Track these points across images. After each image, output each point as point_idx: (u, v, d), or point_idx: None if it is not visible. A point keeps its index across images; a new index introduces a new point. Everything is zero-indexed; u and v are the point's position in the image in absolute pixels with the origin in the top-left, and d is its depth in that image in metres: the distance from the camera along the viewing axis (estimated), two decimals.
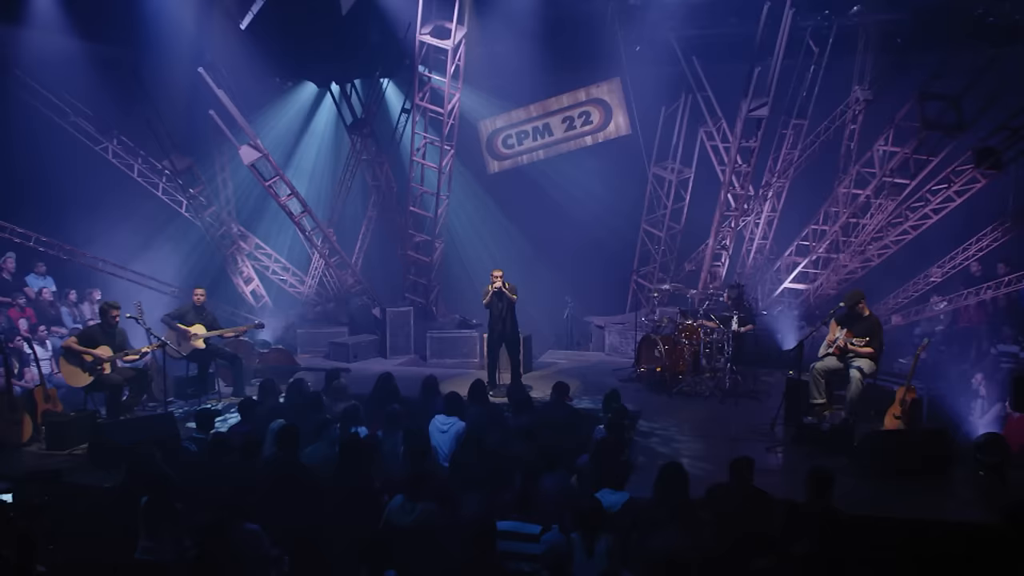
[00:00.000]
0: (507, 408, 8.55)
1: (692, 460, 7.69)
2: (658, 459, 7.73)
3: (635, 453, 7.81)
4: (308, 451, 6.79)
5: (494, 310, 10.26)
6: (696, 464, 7.57)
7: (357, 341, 12.91)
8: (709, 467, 7.46)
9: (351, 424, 7.52)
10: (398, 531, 5.55)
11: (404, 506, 5.59)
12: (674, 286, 11.95)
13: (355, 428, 7.46)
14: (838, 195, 11.48)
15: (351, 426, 7.47)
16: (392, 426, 7.45)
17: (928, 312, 11.53)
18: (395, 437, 7.33)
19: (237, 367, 10.17)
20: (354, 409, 7.77)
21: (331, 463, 6.61)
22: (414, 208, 13.33)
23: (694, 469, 7.36)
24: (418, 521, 5.50)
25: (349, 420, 7.57)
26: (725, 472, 7.03)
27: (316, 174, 15.34)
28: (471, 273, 14.67)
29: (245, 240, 13.90)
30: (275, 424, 7.26)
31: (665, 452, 8.07)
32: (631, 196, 13.95)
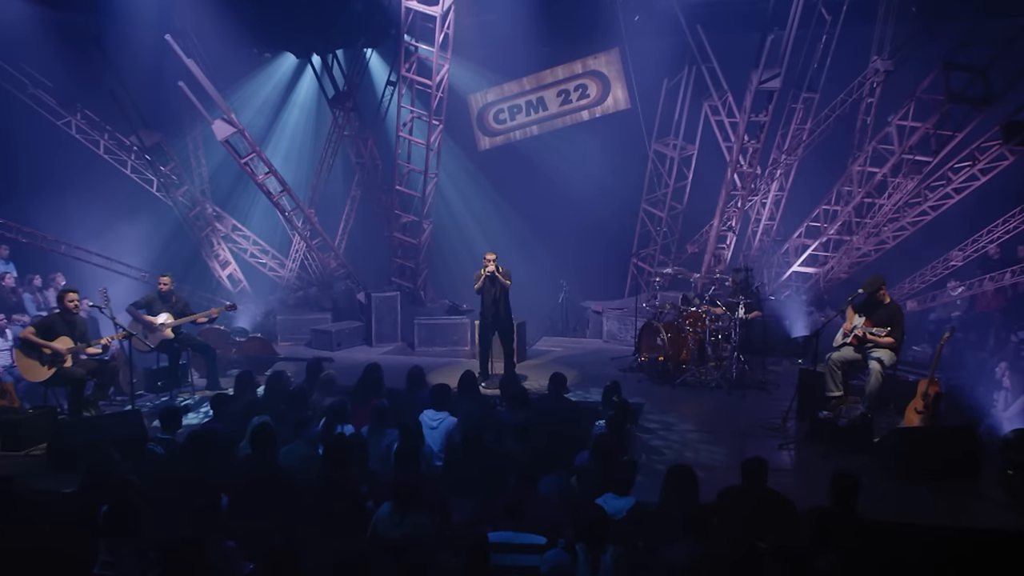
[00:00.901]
0: (500, 401, 8.26)
1: (699, 459, 7.48)
2: (662, 457, 7.55)
3: (637, 451, 7.50)
4: (284, 451, 6.49)
5: (486, 296, 9.99)
6: (704, 463, 7.36)
7: (341, 328, 12.70)
8: (718, 466, 7.25)
9: (337, 422, 7.22)
10: (385, 543, 5.22)
11: (392, 517, 5.26)
12: (676, 270, 11.70)
13: (341, 427, 7.17)
14: (852, 173, 11.17)
15: (337, 424, 7.18)
16: (380, 423, 7.17)
17: (945, 298, 11.26)
18: (382, 435, 7.05)
19: (210, 357, 9.87)
20: (341, 405, 7.44)
21: (310, 464, 6.33)
22: (400, 187, 13.12)
23: (702, 469, 7.06)
24: (407, 535, 5.16)
25: (335, 417, 7.25)
26: (736, 472, 6.83)
27: (296, 151, 15.10)
28: (461, 256, 14.54)
29: (221, 221, 13.67)
30: (256, 421, 6.90)
31: (669, 449, 7.83)
32: (630, 174, 13.76)
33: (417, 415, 7.39)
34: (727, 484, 6.10)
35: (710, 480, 6.50)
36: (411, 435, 6.65)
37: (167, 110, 12.87)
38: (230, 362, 10.68)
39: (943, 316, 11.69)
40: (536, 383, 10.01)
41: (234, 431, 7.11)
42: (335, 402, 7.43)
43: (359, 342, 12.75)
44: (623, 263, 14.28)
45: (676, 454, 7.63)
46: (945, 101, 9.50)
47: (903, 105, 10.35)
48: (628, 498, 5.63)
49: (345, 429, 7.16)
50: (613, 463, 6.29)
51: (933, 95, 9.91)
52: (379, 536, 5.29)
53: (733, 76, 12.36)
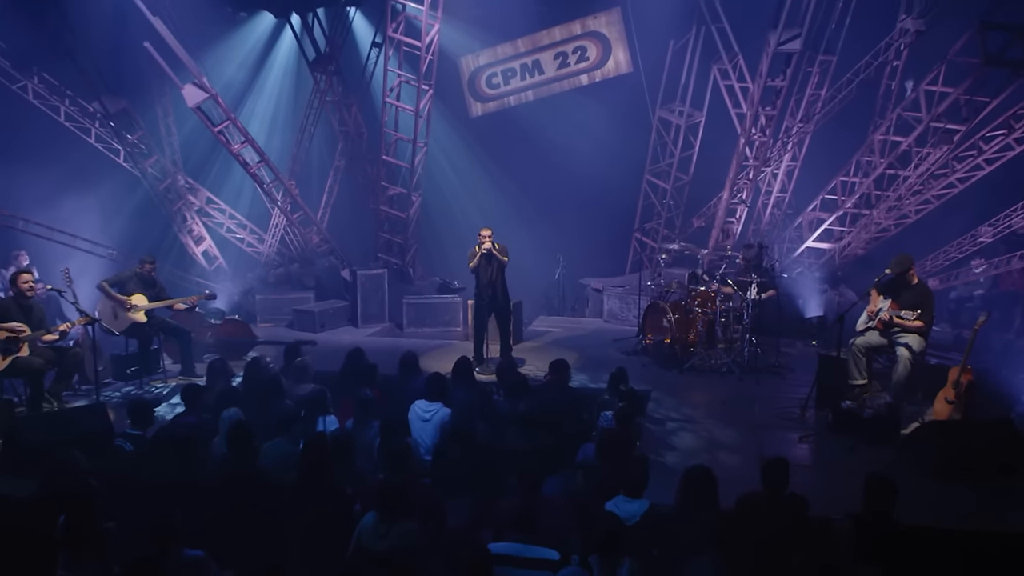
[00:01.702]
0: (497, 389, 7.97)
1: (714, 454, 7.22)
2: (672, 452, 7.29)
3: (647, 445, 7.30)
4: (265, 448, 6.14)
5: (482, 275, 9.70)
6: (719, 460, 7.07)
7: (324, 308, 12.46)
8: (735, 464, 6.97)
9: (316, 414, 6.91)
10: (371, 557, 4.87)
11: (377, 527, 4.90)
12: (683, 246, 11.46)
13: (322, 419, 6.88)
14: (874, 142, 10.83)
15: (317, 416, 6.87)
16: (365, 415, 6.88)
17: (969, 276, 10.99)
18: (368, 428, 6.77)
19: (184, 342, 9.56)
20: (319, 396, 7.14)
21: (292, 462, 5.92)
22: (387, 157, 12.89)
23: (717, 466, 6.73)
24: (395, 548, 4.81)
25: (314, 409, 6.95)
26: (754, 469, 6.62)
27: (274, 118, 14.80)
28: (452, 230, 14.38)
29: (194, 194, 13.42)
30: (227, 414, 6.62)
31: (681, 443, 7.54)
32: (633, 143, 13.53)
33: (409, 405, 7.18)
34: (745, 482, 5.93)
35: (727, 479, 6.17)
36: (393, 432, 6.35)
37: (133, 74, 12.50)
38: (206, 346, 10.40)
39: (964, 294, 11.46)
40: (535, 367, 9.78)
41: (208, 425, 6.81)
42: (313, 391, 7.16)
43: (344, 323, 12.55)
44: (624, 238, 14.09)
45: (688, 449, 7.36)
46: (982, 64, 9.10)
47: (933, 68, 10.01)
48: (641, 501, 5.34)
49: (327, 422, 6.90)
50: (623, 461, 5.97)
51: (967, 58, 9.52)
52: (363, 549, 4.95)
53: (745, 37, 12.06)
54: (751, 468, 6.69)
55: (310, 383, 7.74)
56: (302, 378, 7.81)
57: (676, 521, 5.09)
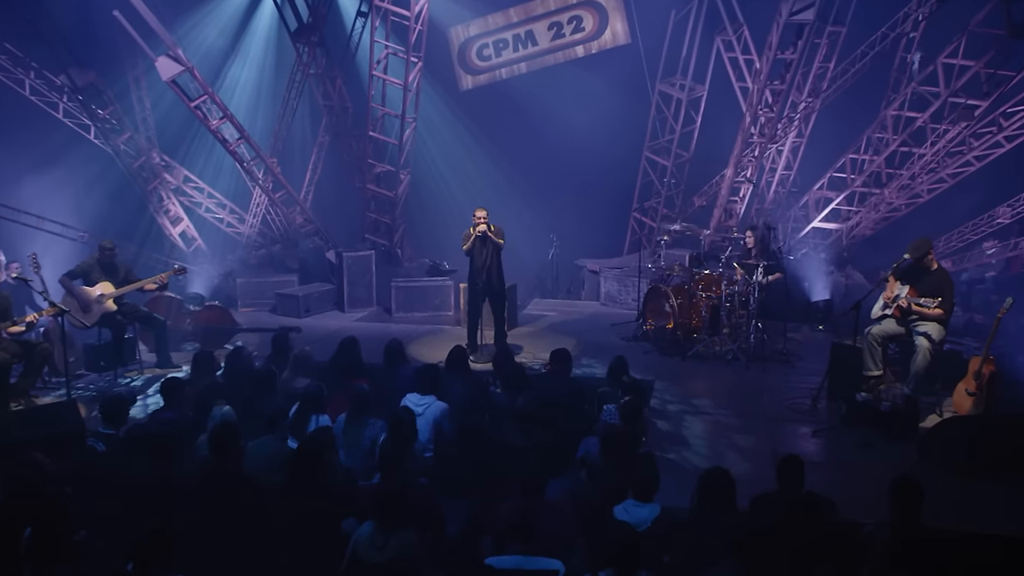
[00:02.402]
0: (493, 380, 7.77)
1: (723, 450, 7.08)
2: (679, 448, 7.14)
3: (652, 440, 7.13)
4: (251, 446, 5.89)
5: (476, 258, 9.46)
6: (729, 456, 6.93)
7: (309, 292, 12.24)
8: (747, 460, 6.81)
9: (312, 411, 6.67)
10: (367, 570, 4.63)
11: (375, 538, 4.66)
12: (684, 226, 11.29)
13: (315, 417, 6.63)
14: (887, 118, 10.63)
15: (311, 414, 6.64)
16: (359, 411, 6.60)
17: (983, 258, 10.83)
18: (362, 426, 6.52)
19: (160, 331, 9.32)
20: (317, 392, 6.88)
21: (280, 462, 5.70)
22: (374, 133, 12.72)
23: (727, 462, 6.70)
24: (393, 560, 4.58)
25: (310, 406, 6.70)
26: (766, 466, 6.50)
27: (255, 93, 14.53)
28: (441, 209, 14.27)
29: (171, 172, 13.18)
30: (218, 412, 6.38)
31: (688, 438, 7.37)
32: (631, 118, 13.36)
33: (396, 397, 6.94)
34: (758, 481, 5.80)
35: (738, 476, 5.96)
36: (401, 431, 6.04)
37: (103, 45, 12.17)
38: (184, 335, 10.17)
39: (975, 276, 11.34)
40: (531, 354, 9.64)
41: (190, 422, 6.57)
42: (310, 387, 6.91)
43: (330, 307, 12.35)
44: (622, 217, 13.92)
45: (696, 445, 7.20)
46: (1005, 36, 8.85)
47: (952, 40, 9.76)
48: (652, 505, 5.15)
49: (321, 420, 6.65)
50: (630, 460, 5.82)
51: (989, 29, 9.29)
52: (359, 561, 4.71)
53: (751, 7, 11.91)
54: (764, 465, 6.59)
55: (309, 376, 7.50)
56: (303, 370, 7.59)
57: (691, 527, 4.91)
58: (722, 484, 4.96)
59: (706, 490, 4.96)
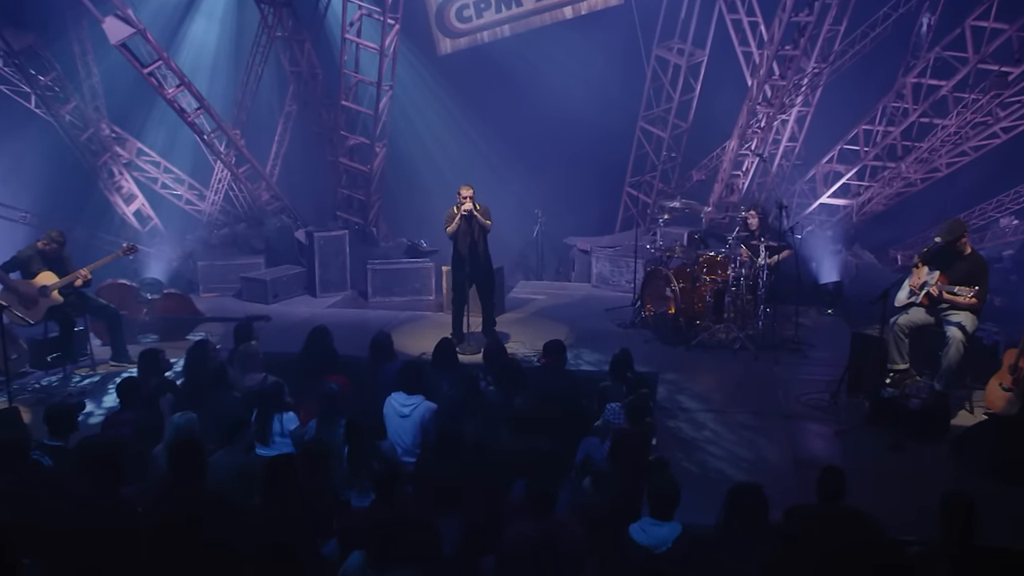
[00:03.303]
0: (484, 374, 7.39)
1: (739, 451, 6.81)
2: (689, 448, 6.90)
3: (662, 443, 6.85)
4: (213, 460, 5.47)
5: (461, 240, 9.14)
6: (747, 459, 6.67)
7: (277, 275, 11.97)
8: (767, 465, 6.54)
9: (272, 410, 6.37)
10: None
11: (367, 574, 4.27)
12: (685, 203, 10.99)
13: (278, 417, 6.37)
14: (905, 86, 10.35)
15: (271, 414, 6.34)
16: (331, 412, 6.32)
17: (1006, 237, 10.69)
18: (334, 428, 6.22)
19: (114, 322, 8.93)
20: (274, 388, 6.60)
21: (243, 478, 5.46)
22: (347, 102, 12.46)
23: (745, 467, 6.53)
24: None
25: (269, 405, 6.40)
26: (788, 471, 6.29)
27: (215, 58, 14.19)
28: (417, 184, 14.20)
29: (122, 145, 12.97)
30: (180, 420, 5.87)
31: (700, 440, 7.08)
32: (624, 86, 13.23)
33: (381, 396, 6.75)
34: (780, 487, 5.60)
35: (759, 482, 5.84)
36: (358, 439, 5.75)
37: (42, 3, 11.81)
38: (140, 326, 9.80)
39: (993, 255, 11.18)
40: (521, 343, 9.40)
41: (149, 428, 6.22)
42: (267, 384, 6.66)
43: (300, 291, 12.12)
44: (613, 192, 13.79)
45: (709, 447, 6.91)
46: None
47: (983, 2, 9.48)
48: (673, 523, 4.85)
49: (285, 421, 6.39)
50: (641, 467, 5.60)
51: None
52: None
53: None
54: (786, 470, 6.38)
55: (260, 372, 7.21)
56: (249, 366, 7.27)
57: (719, 549, 4.60)
58: (754, 501, 4.64)
59: (736, 508, 4.64)
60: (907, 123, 10.35)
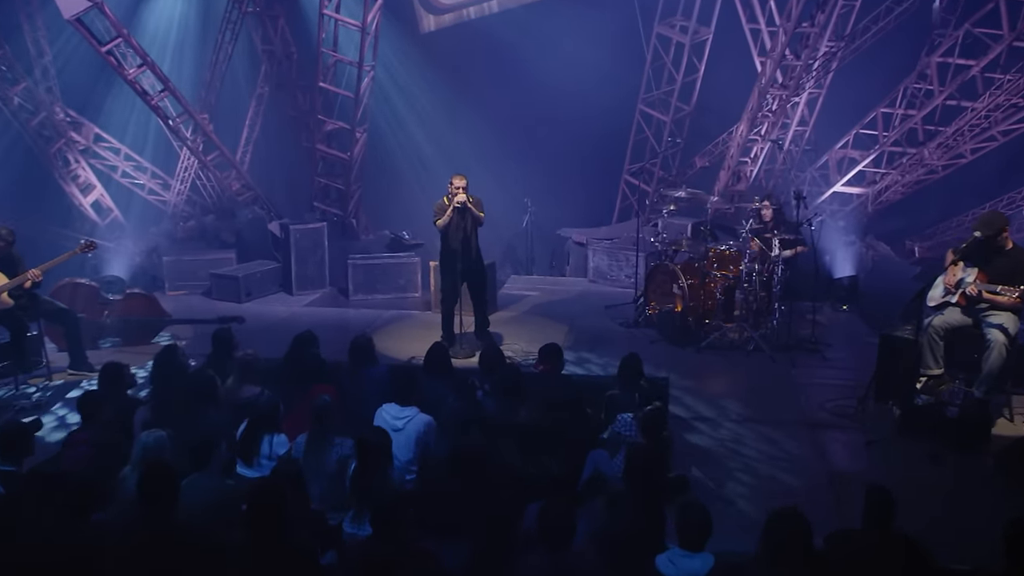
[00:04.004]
0: (481, 383, 7.08)
1: (765, 467, 6.59)
2: (709, 464, 6.67)
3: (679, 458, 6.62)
4: (185, 485, 5.13)
5: (452, 234, 8.83)
6: (774, 474, 6.45)
7: (250, 272, 11.78)
8: (797, 482, 6.31)
9: (264, 430, 6.06)
10: None
11: None
12: (691, 192, 10.78)
13: (268, 439, 6.03)
14: (930, 66, 10.16)
15: (263, 433, 6.03)
16: (323, 429, 6.02)
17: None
18: (326, 447, 5.96)
19: (71, 326, 8.60)
20: (271, 408, 6.22)
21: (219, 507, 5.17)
22: (325, 84, 12.21)
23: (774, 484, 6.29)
24: None
25: (262, 424, 6.09)
26: (820, 489, 6.11)
27: (180, 35, 14.00)
28: (398, 171, 14.26)
29: (78, 130, 12.87)
30: (148, 439, 5.53)
31: (717, 451, 6.87)
32: (622, 66, 13.15)
33: (363, 405, 6.56)
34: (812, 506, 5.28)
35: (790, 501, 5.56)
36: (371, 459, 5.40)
37: None
38: (101, 330, 9.45)
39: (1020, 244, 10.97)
40: (512, 340, 9.20)
41: (113, 448, 5.87)
42: (262, 400, 6.29)
43: (275, 289, 11.94)
44: (610, 180, 13.83)
45: (731, 462, 6.68)
46: None
47: None
48: (704, 555, 4.59)
49: (275, 441, 6.05)
50: (660, 487, 5.35)
51: None
52: None
53: None
54: (818, 487, 6.17)
55: (257, 384, 6.84)
56: (249, 377, 6.92)
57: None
58: (796, 528, 4.35)
59: (776, 536, 4.37)
60: (932, 106, 10.23)
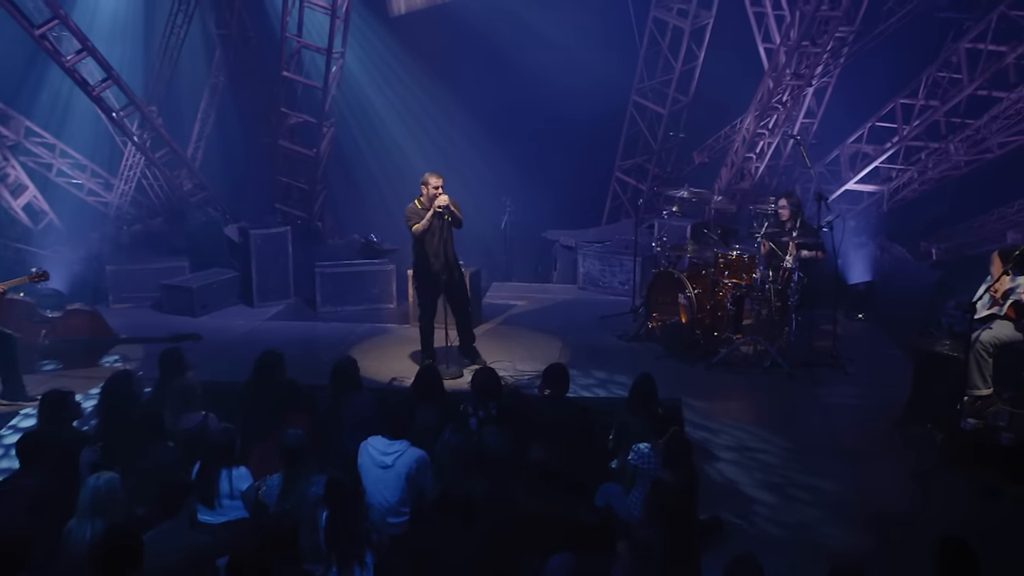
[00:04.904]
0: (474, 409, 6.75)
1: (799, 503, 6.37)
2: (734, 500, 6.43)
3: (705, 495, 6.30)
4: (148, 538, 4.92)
5: (430, 241, 8.58)
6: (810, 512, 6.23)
7: (206, 282, 11.57)
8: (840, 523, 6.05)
9: (220, 465, 5.88)
10: None
11: None
12: (694, 192, 10.69)
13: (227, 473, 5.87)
14: (959, 52, 10.03)
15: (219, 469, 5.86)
16: (297, 468, 5.75)
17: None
18: (304, 486, 5.70)
19: (6, 349, 8.32)
20: (226, 439, 6.01)
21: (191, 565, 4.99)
22: (289, 73, 11.99)
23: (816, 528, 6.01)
24: None
25: (215, 458, 5.89)
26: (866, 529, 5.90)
27: (126, 18, 13.79)
28: (368, 170, 14.19)
29: (7, 124, 12.71)
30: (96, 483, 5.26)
31: (742, 484, 6.62)
32: (614, 52, 13.00)
33: (345, 437, 6.51)
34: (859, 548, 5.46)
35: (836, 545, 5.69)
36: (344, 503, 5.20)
37: None
38: (39, 352, 9.18)
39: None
40: (505, 361, 8.88)
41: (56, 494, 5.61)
42: (215, 434, 6.12)
43: (234, 300, 11.74)
44: (600, 177, 13.76)
45: (762, 497, 6.42)
46: None
47: None
48: None
49: (235, 475, 5.90)
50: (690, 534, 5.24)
51: None
52: None
53: None
54: (862, 526, 5.94)
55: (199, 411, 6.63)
56: (185, 405, 6.64)
57: None
58: None
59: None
60: (960, 97, 10.11)
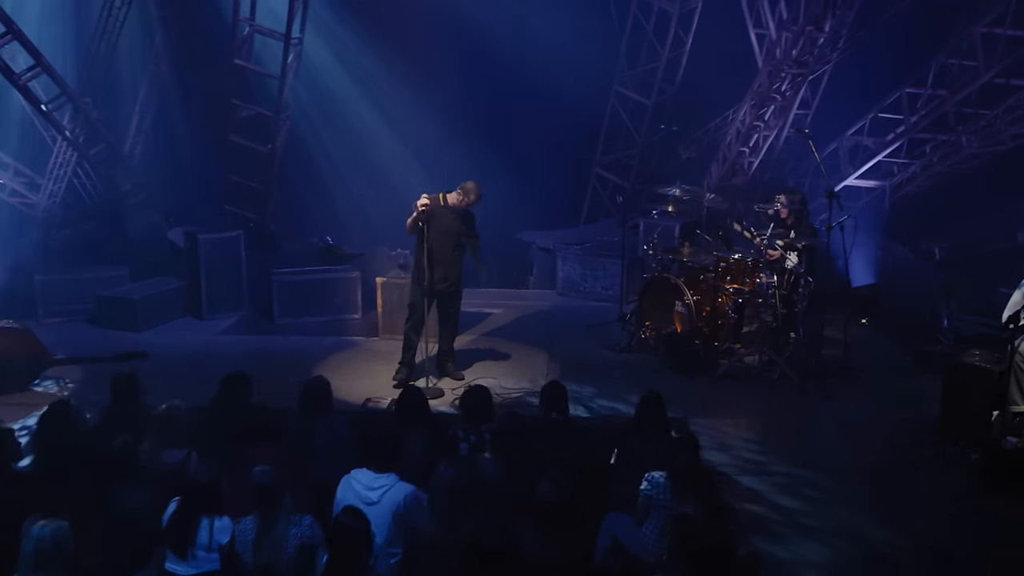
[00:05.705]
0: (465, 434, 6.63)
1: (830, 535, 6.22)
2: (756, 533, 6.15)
3: None
4: None
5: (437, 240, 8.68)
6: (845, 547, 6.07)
7: (149, 293, 11.38)
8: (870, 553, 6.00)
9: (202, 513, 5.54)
10: None
11: None
12: (687, 190, 10.66)
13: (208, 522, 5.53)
14: (974, 38, 10.04)
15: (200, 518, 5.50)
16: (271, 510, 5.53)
17: None
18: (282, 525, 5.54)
19: None
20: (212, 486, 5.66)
21: None
22: (240, 61, 11.76)
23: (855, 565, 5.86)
24: None
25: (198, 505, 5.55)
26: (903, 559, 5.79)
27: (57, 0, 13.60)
28: (338, 168, 14.07)
29: None
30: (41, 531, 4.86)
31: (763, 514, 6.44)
32: (594, 37, 12.96)
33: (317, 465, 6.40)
34: None
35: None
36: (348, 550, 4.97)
37: None
38: None
39: None
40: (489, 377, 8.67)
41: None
42: (199, 472, 5.78)
43: (180, 313, 11.56)
44: (577, 174, 13.87)
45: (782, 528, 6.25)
46: None
47: None
48: None
49: (216, 529, 5.55)
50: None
51: None
52: None
53: None
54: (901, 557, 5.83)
55: (183, 447, 6.41)
56: (171, 436, 6.41)
57: None
58: None
59: None
60: (974, 85, 10.12)
